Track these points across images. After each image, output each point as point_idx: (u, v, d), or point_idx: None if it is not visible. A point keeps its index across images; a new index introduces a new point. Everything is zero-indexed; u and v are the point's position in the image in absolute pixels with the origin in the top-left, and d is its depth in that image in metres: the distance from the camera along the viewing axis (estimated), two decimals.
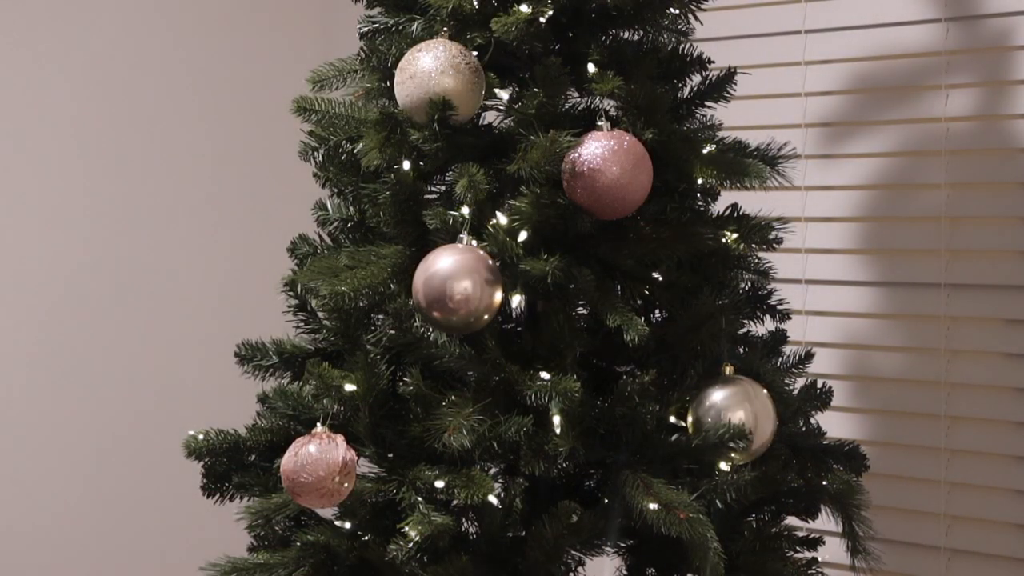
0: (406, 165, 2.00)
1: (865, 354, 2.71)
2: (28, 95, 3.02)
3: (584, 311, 2.03)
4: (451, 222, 1.96)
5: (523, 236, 1.94)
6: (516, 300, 1.96)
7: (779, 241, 2.10)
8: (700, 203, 2.12)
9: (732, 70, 2.16)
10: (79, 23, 3.07)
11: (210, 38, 3.27)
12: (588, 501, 2.03)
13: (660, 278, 2.06)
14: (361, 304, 2.03)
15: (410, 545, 1.93)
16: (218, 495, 2.17)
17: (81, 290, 3.09)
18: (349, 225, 2.15)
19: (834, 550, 2.21)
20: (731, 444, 1.98)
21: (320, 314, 2.16)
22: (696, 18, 2.16)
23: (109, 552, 3.13)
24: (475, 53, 2.00)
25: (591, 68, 2.01)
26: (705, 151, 2.05)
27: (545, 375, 1.93)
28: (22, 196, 3.01)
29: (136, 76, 3.15)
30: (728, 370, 2.05)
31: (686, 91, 2.17)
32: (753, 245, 2.09)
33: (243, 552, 2.13)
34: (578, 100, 2.09)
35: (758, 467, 2.05)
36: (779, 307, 2.22)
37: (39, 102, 3.03)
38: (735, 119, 2.30)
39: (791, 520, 2.18)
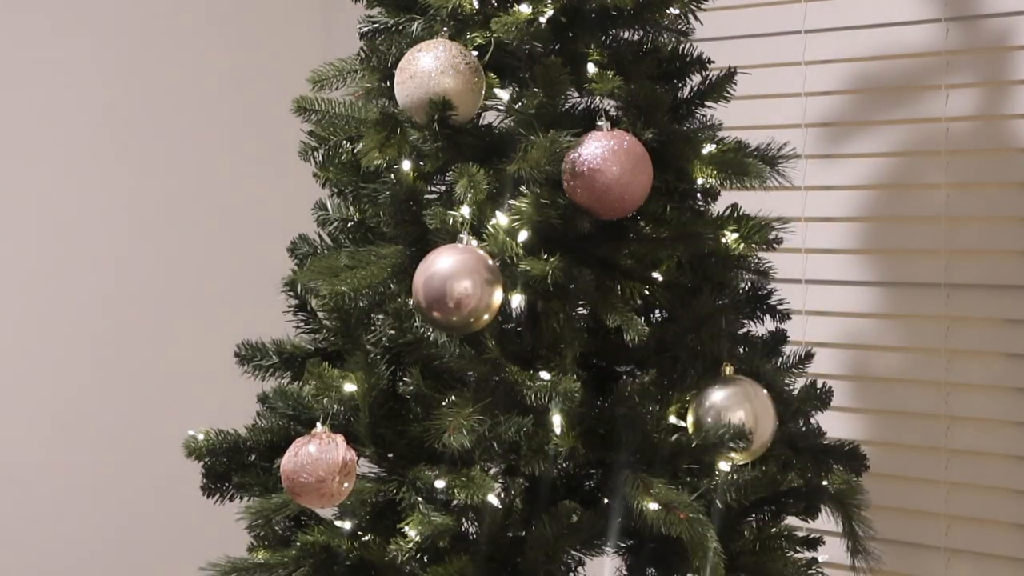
0: (406, 165, 2.00)
1: (865, 354, 2.71)
2: (28, 94, 3.01)
3: (584, 311, 2.02)
4: (451, 222, 1.95)
5: (523, 236, 1.94)
6: (516, 300, 1.95)
7: (779, 241, 2.09)
8: (700, 203, 2.12)
9: (732, 70, 2.16)
10: (79, 23, 3.07)
11: (210, 38, 3.27)
12: (588, 501, 2.03)
13: (660, 278, 2.06)
14: (361, 304, 2.03)
15: (410, 545, 1.93)
16: (218, 495, 2.17)
17: (81, 290, 3.09)
18: (349, 225, 2.15)
19: (834, 550, 2.21)
20: (731, 444, 1.98)
21: (320, 314, 2.16)
22: (696, 18, 2.16)
23: (109, 552, 3.13)
24: (475, 53, 2.00)
25: (591, 68, 2.01)
26: (705, 151, 2.05)
27: (545, 375, 1.93)
28: (22, 196, 3.01)
29: (136, 76, 3.15)
30: (728, 370, 2.05)
31: (686, 91, 2.17)
32: (753, 245, 2.09)
33: (243, 552, 2.13)
34: (578, 100, 2.09)
35: (758, 467, 2.05)
36: (779, 307, 2.22)
37: (38, 101, 3.03)
38: (735, 119, 2.29)
39: (791, 520, 2.18)
